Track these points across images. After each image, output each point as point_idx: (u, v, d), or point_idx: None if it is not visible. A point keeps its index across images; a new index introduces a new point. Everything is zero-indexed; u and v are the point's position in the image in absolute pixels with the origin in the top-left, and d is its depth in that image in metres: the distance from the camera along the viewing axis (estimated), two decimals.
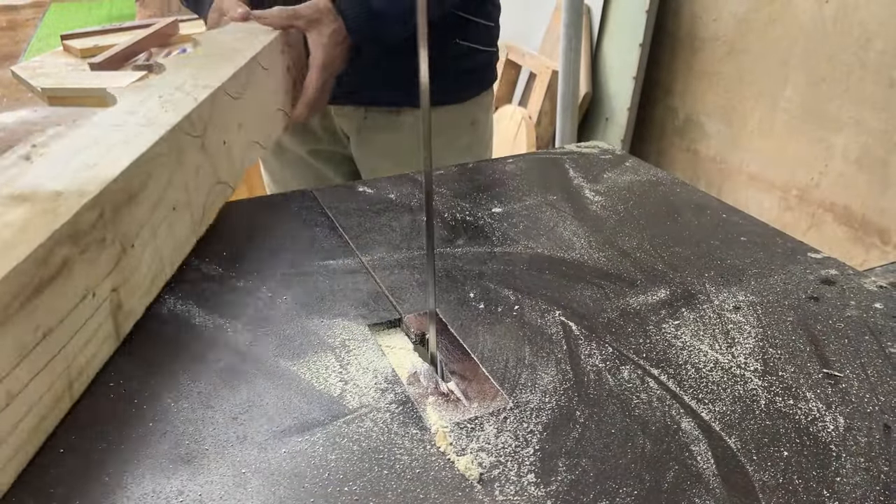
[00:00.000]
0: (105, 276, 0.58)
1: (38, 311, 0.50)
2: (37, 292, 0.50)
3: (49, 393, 0.52)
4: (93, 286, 0.56)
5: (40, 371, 0.50)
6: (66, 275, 0.53)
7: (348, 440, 0.53)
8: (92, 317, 0.57)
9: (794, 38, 2.06)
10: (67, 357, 0.54)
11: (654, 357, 0.61)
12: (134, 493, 0.48)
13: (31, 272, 0.49)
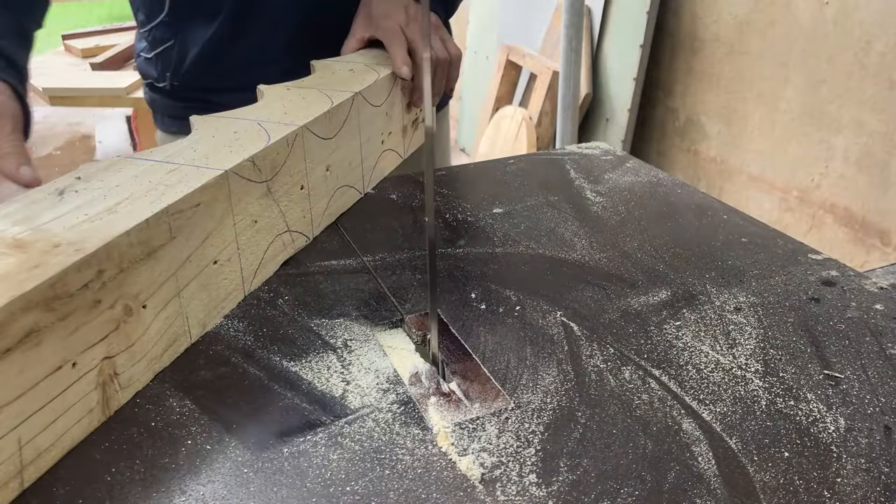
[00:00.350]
0: (94, 344, 0.52)
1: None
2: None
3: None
4: (73, 356, 0.50)
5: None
6: (32, 345, 0.46)
7: (350, 440, 0.53)
8: (67, 390, 0.50)
9: (795, 40, 2.06)
10: (20, 437, 0.47)
11: (656, 358, 0.61)
12: (136, 493, 0.48)
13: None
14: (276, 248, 0.73)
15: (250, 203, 0.67)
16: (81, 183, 0.61)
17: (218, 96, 0.95)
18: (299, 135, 0.72)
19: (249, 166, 0.66)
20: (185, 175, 0.62)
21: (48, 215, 0.55)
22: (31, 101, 0.81)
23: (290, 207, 0.73)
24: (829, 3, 1.94)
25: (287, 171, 0.71)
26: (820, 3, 1.97)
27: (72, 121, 4.02)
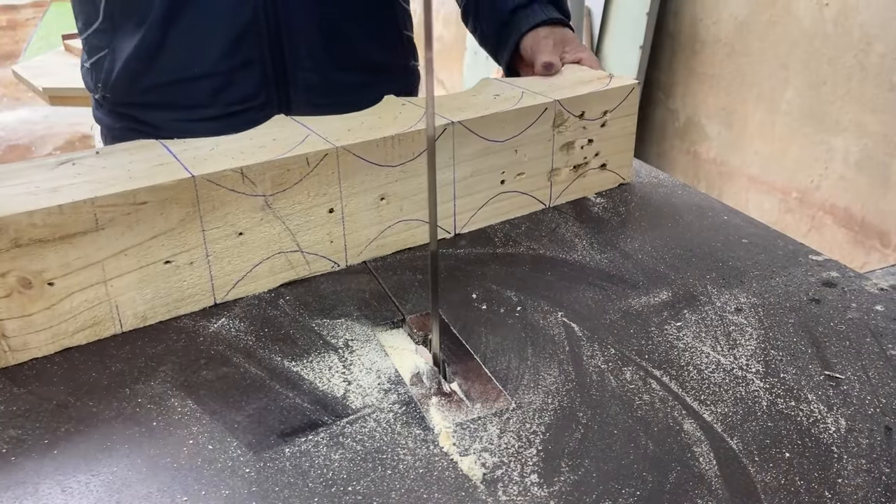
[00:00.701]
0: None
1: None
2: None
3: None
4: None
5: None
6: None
7: (352, 440, 0.53)
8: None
9: (795, 41, 2.06)
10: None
11: (657, 358, 0.61)
12: (138, 493, 0.49)
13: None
14: (277, 265, 0.70)
15: (234, 214, 0.66)
16: (90, 158, 0.66)
17: (146, 113, 0.89)
18: (330, 155, 0.69)
19: (234, 177, 0.65)
20: (162, 171, 0.63)
21: (15, 181, 0.62)
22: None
23: (306, 228, 0.70)
24: (829, 4, 1.94)
25: (304, 189, 0.68)
26: (820, 5, 1.97)
27: (72, 121, 4.02)
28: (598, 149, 0.88)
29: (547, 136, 0.83)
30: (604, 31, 2.67)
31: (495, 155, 0.80)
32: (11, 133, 4.02)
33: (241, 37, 0.85)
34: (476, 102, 0.81)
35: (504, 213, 0.84)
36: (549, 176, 0.86)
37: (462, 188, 0.79)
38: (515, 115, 0.80)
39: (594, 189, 0.90)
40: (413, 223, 0.77)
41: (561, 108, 0.83)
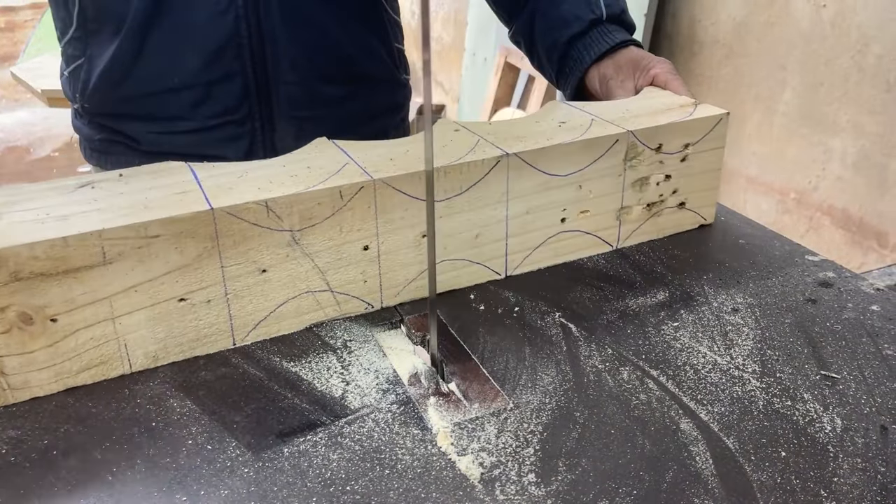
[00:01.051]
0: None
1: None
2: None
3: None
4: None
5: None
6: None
7: (350, 440, 0.53)
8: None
9: (793, 42, 2.07)
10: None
11: (654, 358, 0.62)
12: (138, 492, 0.49)
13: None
14: (304, 306, 0.65)
15: (257, 249, 0.61)
16: (111, 181, 0.63)
17: (124, 125, 0.87)
18: (367, 188, 0.63)
19: (258, 210, 0.60)
20: (179, 202, 0.59)
21: (28, 205, 0.59)
22: None
23: (337, 267, 0.65)
24: (826, 5, 1.95)
25: (336, 225, 0.63)
26: (817, 6, 1.97)
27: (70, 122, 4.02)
28: (677, 186, 0.79)
29: (617, 171, 0.75)
30: None
31: (556, 190, 0.72)
32: (10, 135, 4.02)
33: (222, 48, 0.82)
34: (538, 130, 0.74)
35: (564, 254, 0.76)
36: (619, 215, 0.77)
37: (516, 226, 0.72)
38: (581, 146, 0.72)
39: (670, 230, 0.81)
40: (459, 263, 0.71)
41: (635, 140, 0.74)
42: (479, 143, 0.70)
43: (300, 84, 0.87)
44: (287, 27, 0.83)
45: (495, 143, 0.70)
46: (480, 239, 0.70)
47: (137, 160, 0.87)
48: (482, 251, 0.71)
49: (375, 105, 0.96)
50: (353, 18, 0.90)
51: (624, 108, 0.80)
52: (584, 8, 0.87)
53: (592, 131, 0.73)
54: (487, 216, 0.70)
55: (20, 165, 3.68)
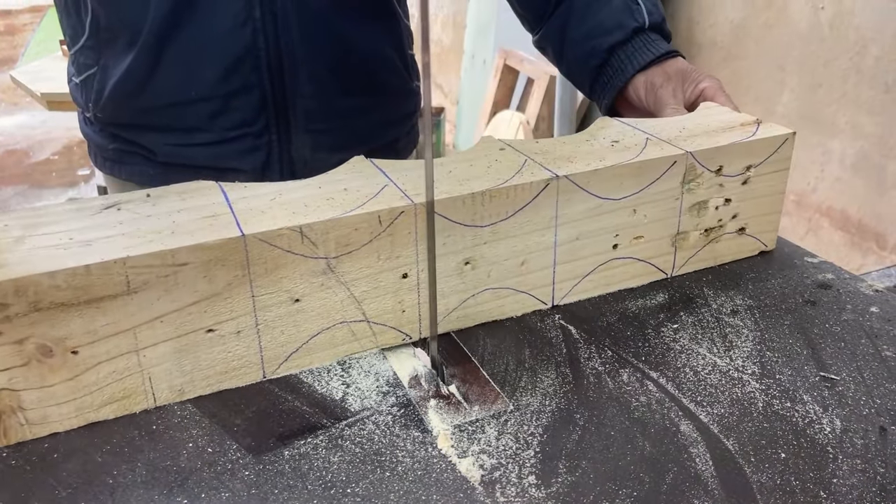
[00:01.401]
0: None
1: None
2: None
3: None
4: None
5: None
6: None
7: (350, 443, 0.53)
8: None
9: (791, 44, 2.07)
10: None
11: (653, 360, 0.62)
12: (139, 496, 0.49)
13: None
14: (338, 337, 0.61)
15: (290, 278, 0.58)
16: (138, 202, 0.60)
17: (140, 135, 0.86)
18: (407, 213, 0.60)
19: (292, 236, 0.56)
20: (208, 226, 0.56)
21: (52, 228, 0.55)
22: None
23: (374, 296, 0.61)
24: (824, 7, 1.95)
25: (374, 252, 0.60)
26: (815, 8, 1.98)
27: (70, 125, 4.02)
28: (737, 210, 0.74)
29: (674, 195, 0.70)
30: None
31: (608, 215, 0.68)
32: (9, 138, 4.03)
33: (240, 60, 0.81)
34: (589, 150, 0.69)
35: (615, 282, 0.72)
36: (674, 240, 0.73)
37: (565, 253, 0.68)
38: (636, 168, 0.67)
39: (728, 257, 0.77)
40: (503, 292, 0.67)
41: (694, 162, 0.70)
42: (526, 163, 0.66)
43: (317, 96, 0.86)
44: (305, 40, 0.82)
45: (544, 164, 0.66)
46: (526, 266, 0.66)
47: (152, 170, 0.86)
48: (528, 279, 0.67)
49: (390, 114, 0.95)
50: (371, 29, 0.88)
51: (680, 126, 0.75)
52: (627, 15, 0.83)
53: (648, 152, 0.69)
54: (535, 242, 0.66)
55: (19, 169, 3.69)
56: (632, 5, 0.83)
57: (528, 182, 0.63)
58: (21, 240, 0.54)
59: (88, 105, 0.87)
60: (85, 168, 3.57)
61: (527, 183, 0.63)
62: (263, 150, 0.85)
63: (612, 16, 0.83)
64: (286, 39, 0.82)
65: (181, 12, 0.78)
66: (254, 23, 0.79)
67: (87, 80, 0.86)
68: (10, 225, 0.56)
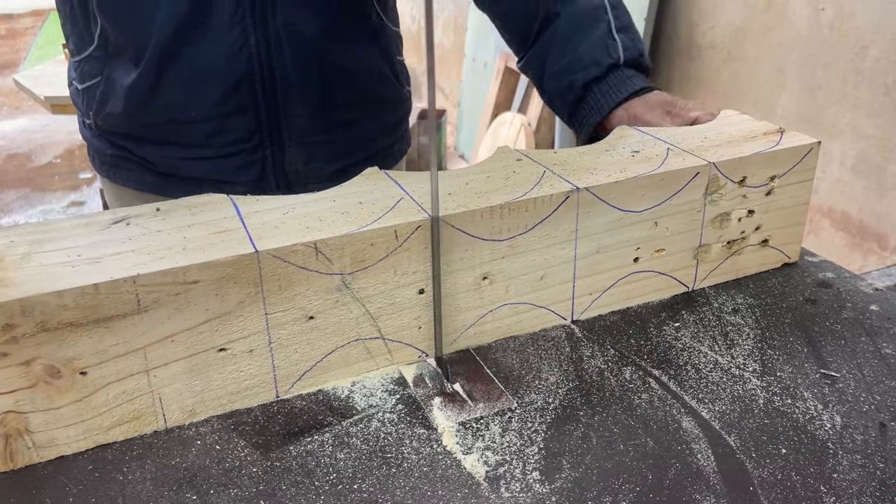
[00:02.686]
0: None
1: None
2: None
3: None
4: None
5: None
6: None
7: (357, 440, 0.54)
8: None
9: (791, 46, 2.08)
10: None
11: (655, 358, 0.62)
12: (148, 493, 0.50)
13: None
14: (353, 354, 0.60)
15: (304, 295, 0.56)
16: (148, 217, 0.58)
17: (139, 146, 0.87)
18: (424, 227, 0.58)
19: (307, 252, 0.55)
20: (220, 242, 0.54)
21: (59, 244, 0.55)
22: None
23: (390, 312, 0.60)
24: (824, 9, 1.96)
25: (390, 267, 0.58)
26: (816, 10, 1.98)
27: (71, 128, 4.03)
28: (760, 221, 0.72)
29: (696, 206, 0.68)
30: None
31: (629, 228, 0.66)
32: (11, 142, 4.04)
33: (236, 86, 0.82)
34: (609, 161, 0.68)
35: (636, 296, 0.70)
36: (696, 253, 0.71)
37: (584, 267, 0.66)
38: (658, 180, 0.66)
39: (751, 269, 0.75)
40: (521, 307, 0.65)
41: (716, 173, 0.68)
42: (545, 175, 0.65)
43: (310, 114, 0.88)
44: (297, 63, 0.83)
45: (563, 176, 0.64)
46: (546, 280, 0.65)
47: (150, 178, 0.87)
48: (547, 294, 0.65)
49: (382, 123, 0.96)
50: (361, 46, 0.89)
51: (702, 136, 0.73)
52: (603, 51, 0.83)
53: (670, 163, 0.67)
54: (554, 256, 0.64)
55: (21, 172, 3.69)
56: (608, 41, 0.83)
57: (548, 194, 0.62)
58: (28, 256, 0.53)
59: (89, 112, 0.88)
60: (87, 172, 3.58)
61: (546, 195, 0.61)
62: (258, 165, 0.87)
63: (588, 52, 0.83)
64: (280, 63, 0.83)
65: (182, 36, 0.80)
66: (249, 49, 0.81)
67: (90, 89, 0.87)
68: (17, 241, 0.55)
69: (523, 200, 0.61)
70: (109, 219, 0.58)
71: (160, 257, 0.52)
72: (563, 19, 0.84)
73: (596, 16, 0.83)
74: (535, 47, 0.86)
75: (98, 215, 0.59)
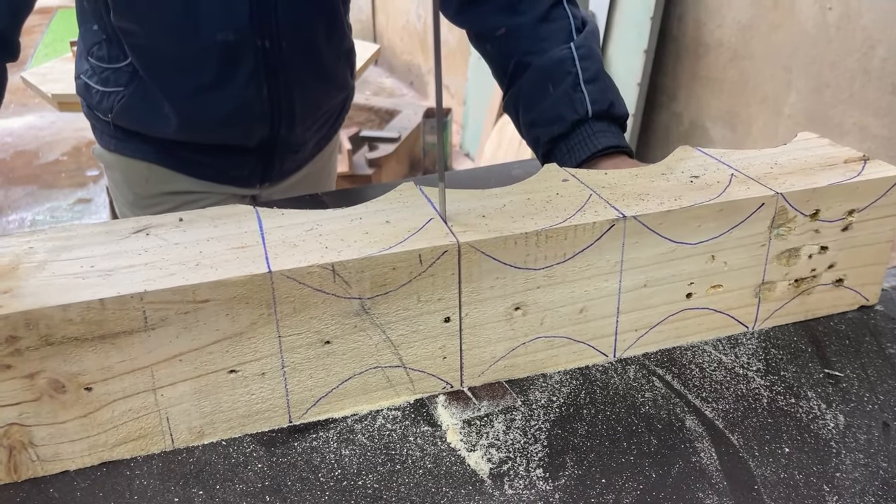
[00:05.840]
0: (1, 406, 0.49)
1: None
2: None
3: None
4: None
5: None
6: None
7: (361, 436, 0.54)
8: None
9: (798, 45, 2.08)
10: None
11: (659, 357, 0.63)
12: (155, 488, 0.50)
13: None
14: (372, 383, 0.57)
15: (320, 318, 0.54)
16: (170, 227, 0.57)
17: (147, 140, 0.92)
18: (450, 252, 0.55)
19: (324, 274, 0.52)
20: (235, 259, 0.53)
21: (76, 253, 0.54)
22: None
23: (413, 340, 0.57)
24: (832, 8, 1.95)
25: (413, 293, 0.55)
26: (823, 9, 1.98)
27: (78, 126, 4.04)
28: (835, 259, 0.65)
29: (760, 241, 0.62)
30: (608, 35, 2.69)
31: (682, 261, 0.61)
32: (19, 139, 4.05)
33: (248, 117, 0.89)
34: (664, 187, 0.62)
35: (687, 335, 0.65)
36: (758, 291, 0.65)
37: (630, 301, 0.61)
38: (717, 210, 0.60)
39: (821, 311, 0.68)
40: (557, 341, 0.60)
41: (785, 205, 0.62)
42: (590, 198, 0.60)
43: (302, 125, 0.94)
44: (301, 98, 0.90)
45: (610, 202, 0.60)
46: (586, 314, 0.60)
47: (167, 127, 0.90)
48: (587, 328, 0.61)
49: (329, 112, 1.02)
50: (337, 52, 0.94)
51: (772, 161, 0.67)
52: (567, 106, 0.79)
53: (732, 192, 0.61)
54: (596, 288, 0.59)
55: (29, 170, 3.71)
56: (573, 94, 0.79)
57: (591, 222, 0.57)
58: (42, 265, 0.52)
59: (108, 114, 0.92)
60: (94, 169, 3.59)
61: (589, 223, 0.57)
62: (260, 165, 0.95)
63: (552, 107, 0.80)
64: (287, 99, 0.89)
65: (210, 87, 0.85)
66: (262, 98, 0.87)
67: (111, 95, 0.91)
68: (36, 247, 0.55)
69: (563, 228, 0.57)
70: (131, 227, 0.57)
71: (171, 273, 0.51)
72: (531, 71, 0.81)
73: (563, 68, 0.79)
74: (509, 94, 0.85)
75: (120, 223, 0.58)
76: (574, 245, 0.57)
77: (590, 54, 0.81)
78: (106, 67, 0.89)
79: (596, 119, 0.78)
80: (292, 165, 0.98)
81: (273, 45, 0.83)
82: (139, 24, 0.82)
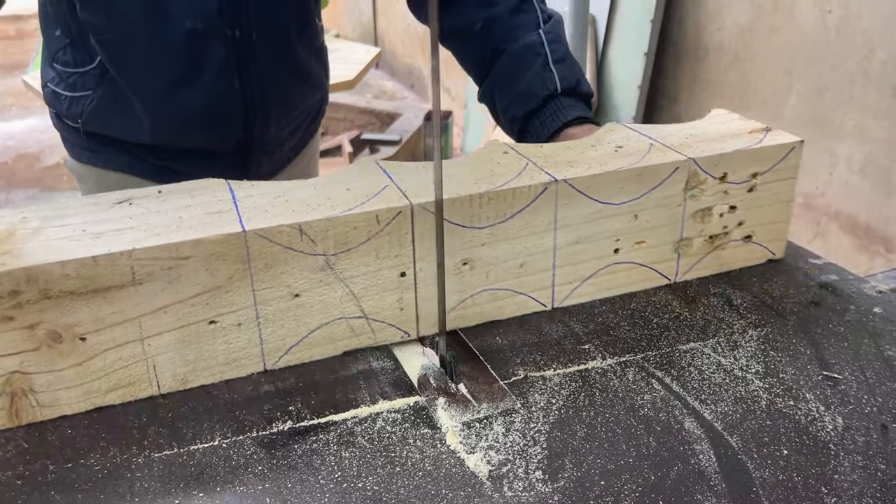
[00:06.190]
0: (3, 355, 0.54)
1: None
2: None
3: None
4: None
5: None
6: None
7: (361, 438, 0.55)
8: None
9: (798, 47, 2.08)
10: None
11: (658, 359, 0.63)
12: (156, 490, 0.50)
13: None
14: (337, 332, 0.63)
15: (289, 273, 0.59)
16: (151, 198, 0.62)
17: (122, 145, 0.91)
18: (404, 213, 0.61)
19: (292, 233, 0.58)
20: (213, 222, 0.58)
21: (68, 220, 0.59)
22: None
23: (373, 293, 0.63)
24: (831, 11, 1.96)
25: (372, 250, 0.61)
26: (823, 12, 1.98)
27: None
28: (743, 217, 0.74)
29: (676, 201, 0.70)
30: (608, 38, 2.69)
31: (609, 219, 0.68)
32: (20, 142, 4.05)
33: (225, 120, 0.89)
34: (592, 156, 0.70)
35: (617, 286, 0.72)
36: (677, 246, 0.72)
37: (564, 256, 0.68)
38: (637, 174, 0.67)
39: (734, 264, 0.76)
40: (501, 293, 0.67)
41: (696, 169, 0.69)
42: (527, 167, 0.67)
43: (276, 128, 0.95)
44: (276, 98, 0.91)
45: (544, 168, 0.67)
46: (526, 268, 0.67)
47: (142, 133, 0.89)
48: (527, 281, 0.68)
49: (309, 113, 1.03)
50: (306, 64, 0.95)
51: (688, 133, 0.75)
52: (539, 84, 0.87)
53: (650, 158, 0.69)
54: (534, 245, 0.66)
55: (30, 173, 3.71)
56: (543, 73, 0.87)
57: (527, 185, 0.64)
58: (38, 231, 0.57)
59: (78, 120, 0.91)
60: None
61: (525, 186, 0.64)
62: (237, 170, 0.93)
63: (527, 86, 0.88)
64: (260, 95, 0.89)
65: (180, 82, 0.84)
66: (234, 93, 0.86)
67: (79, 100, 0.90)
68: (29, 217, 0.59)
69: (502, 190, 0.63)
70: (115, 199, 0.62)
71: (156, 234, 0.56)
72: (505, 56, 0.89)
73: (534, 51, 0.87)
74: (486, 83, 0.92)
75: (105, 196, 0.63)
76: (513, 206, 0.64)
77: (557, 38, 0.89)
78: (73, 72, 0.88)
79: (565, 95, 0.87)
80: (269, 168, 0.98)
81: (243, 35, 0.84)
82: (106, 14, 0.81)
